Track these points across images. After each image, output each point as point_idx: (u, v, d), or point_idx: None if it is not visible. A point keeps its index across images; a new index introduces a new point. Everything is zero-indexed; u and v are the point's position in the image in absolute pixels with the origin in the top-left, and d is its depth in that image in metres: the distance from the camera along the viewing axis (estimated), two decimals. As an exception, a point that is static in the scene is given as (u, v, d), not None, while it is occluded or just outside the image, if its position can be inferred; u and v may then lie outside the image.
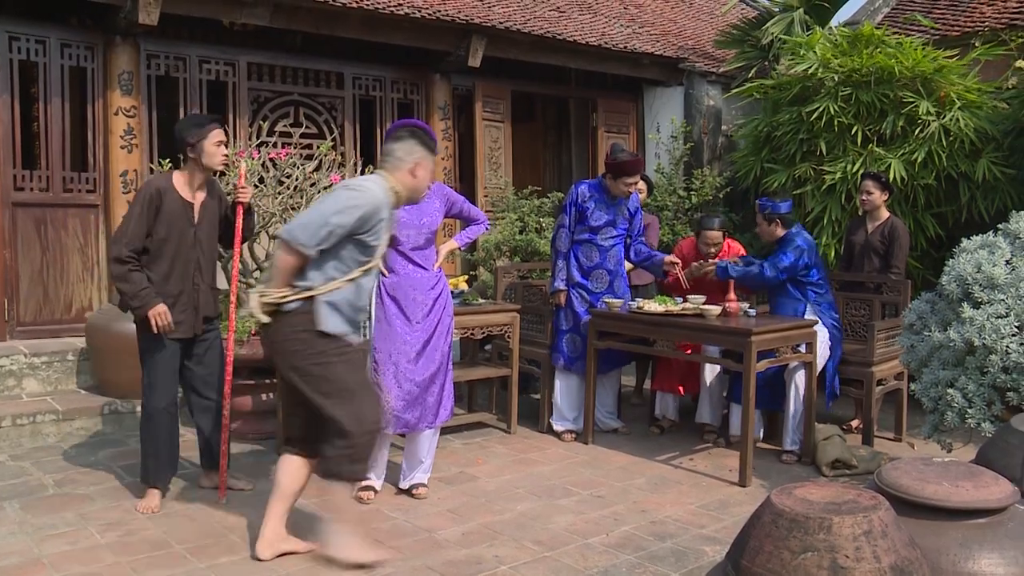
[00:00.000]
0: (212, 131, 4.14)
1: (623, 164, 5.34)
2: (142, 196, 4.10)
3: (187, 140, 4.11)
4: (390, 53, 7.77)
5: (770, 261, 5.26)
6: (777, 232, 5.35)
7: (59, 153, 6.41)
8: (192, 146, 4.12)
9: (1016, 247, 3.95)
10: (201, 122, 4.19)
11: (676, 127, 9.13)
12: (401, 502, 4.34)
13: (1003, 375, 3.74)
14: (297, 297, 3.39)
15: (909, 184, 6.49)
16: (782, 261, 5.22)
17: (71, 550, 3.68)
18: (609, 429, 5.70)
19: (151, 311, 4.04)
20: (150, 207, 4.08)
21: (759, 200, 5.47)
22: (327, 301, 3.41)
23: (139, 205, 4.08)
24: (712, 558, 3.63)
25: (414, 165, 3.62)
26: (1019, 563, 2.31)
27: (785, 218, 5.36)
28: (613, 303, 5.27)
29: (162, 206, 4.10)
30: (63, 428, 5.42)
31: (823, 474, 4.83)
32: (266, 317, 3.40)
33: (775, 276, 5.21)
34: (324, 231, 3.33)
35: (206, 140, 4.12)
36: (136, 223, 4.06)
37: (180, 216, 4.17)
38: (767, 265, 5.24)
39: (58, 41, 6.35)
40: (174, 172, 4.27)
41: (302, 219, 3.40)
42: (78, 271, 6.51)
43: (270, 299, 3.39)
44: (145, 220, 4.07)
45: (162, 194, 4.11)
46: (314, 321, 3.39)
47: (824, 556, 2.05)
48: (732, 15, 10.83)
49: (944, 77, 6.66)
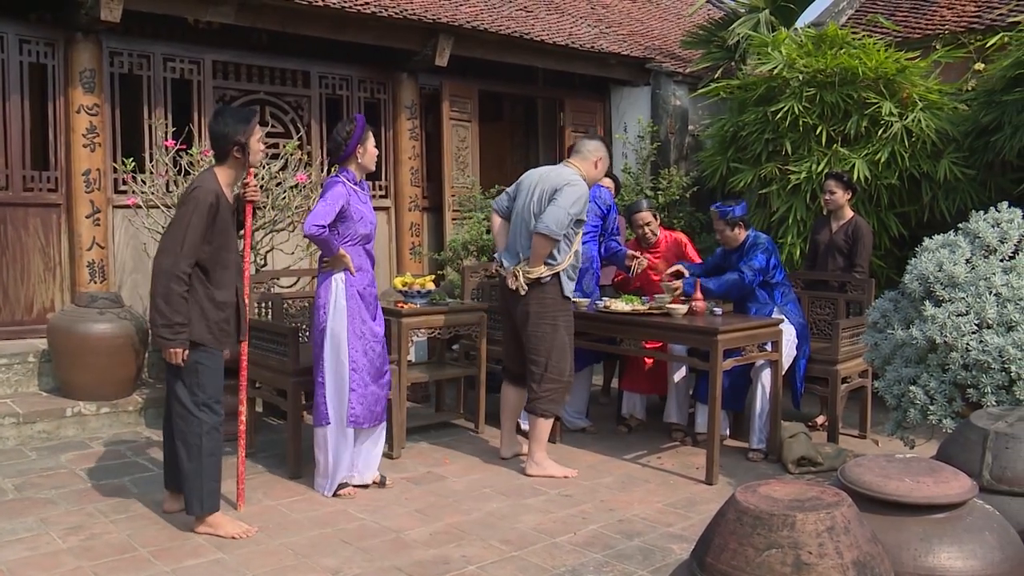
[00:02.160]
0: (256, 126, 3.90)
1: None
2: (202, 203, 3.72)
3: (237, 139, 3.81)
4: (357, 52, 7.73)
5: (745, 264, 5.24)
6: (741, 235, 5.37)
7: (19, 151, 6.30)
8: (242, 145, 3.83)
9: (976, 246, 4.01)
10: (247, 116, 3.89)
11: (643, 127, 9.17)
12: (368, 503, 4.32)
13: (963, 372, 3.80)
14: (551, 272, 4.65)
15: (873, 184, 6.57)
16: (756, 263, 5.22)
17: (31, 555, 3.62)
18: (577, 428, 5.71)
19: (176, 349, 3.70)
20: (209, 214, 3.73)
21: (717, 207, 5.39)
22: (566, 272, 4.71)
23: (198, 213, 3.71)
24: (679, 556, 3.65)
25: (597, 160, 4.85)
26: (977, 556, 2.34)
27: (746, 220, 5.40)
28: (580, 302, 5.28)
29: (218, 212, 3.78)
30: (23, 431, 5.33)
31: (789, 471, 4.87)
32: (525, 287, 4.63)
33: (753, 279, 5.22)
34: (567, 220, 4.56)
35: (253, 137, 3.87)
36: (195, 233, 3.70)
37: (229, 220, 3.88)
38: (745, 270, 5.19)
39: (16, 37, 6.24)
40: (215, 170, 3.88)
41: (554, 216, 4.52)
42: (39, 271, 6.40)
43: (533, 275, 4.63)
44: (204, 229, 3.72)
45: (218, 198, 3.78)
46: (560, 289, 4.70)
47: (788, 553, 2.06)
48: (699, 16, 10.89)
49: (906, 78, 6.75)
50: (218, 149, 3.88)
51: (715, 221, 5.43)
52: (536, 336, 4.70)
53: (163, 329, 3.68)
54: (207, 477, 3.82)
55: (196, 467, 3.79)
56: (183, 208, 3.77)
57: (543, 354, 4.70)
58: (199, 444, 3.80)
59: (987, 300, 3.78)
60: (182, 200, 3.84)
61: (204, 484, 3.81)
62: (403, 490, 4.52)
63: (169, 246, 3.71)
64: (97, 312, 5.63)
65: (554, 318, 4.69)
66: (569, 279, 4.72)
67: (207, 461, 3.82)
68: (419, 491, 4.52)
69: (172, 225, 3.80)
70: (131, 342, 5.68)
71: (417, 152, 8.25)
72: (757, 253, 5.24)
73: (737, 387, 5.28)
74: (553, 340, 4.69)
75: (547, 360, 4.69)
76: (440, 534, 3.93)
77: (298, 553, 3.69)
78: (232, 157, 3.86)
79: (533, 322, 4.69)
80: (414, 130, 8.19)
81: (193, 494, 3.81)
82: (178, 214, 3.81)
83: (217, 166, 3.91)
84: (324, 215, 4.18)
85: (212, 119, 3.94)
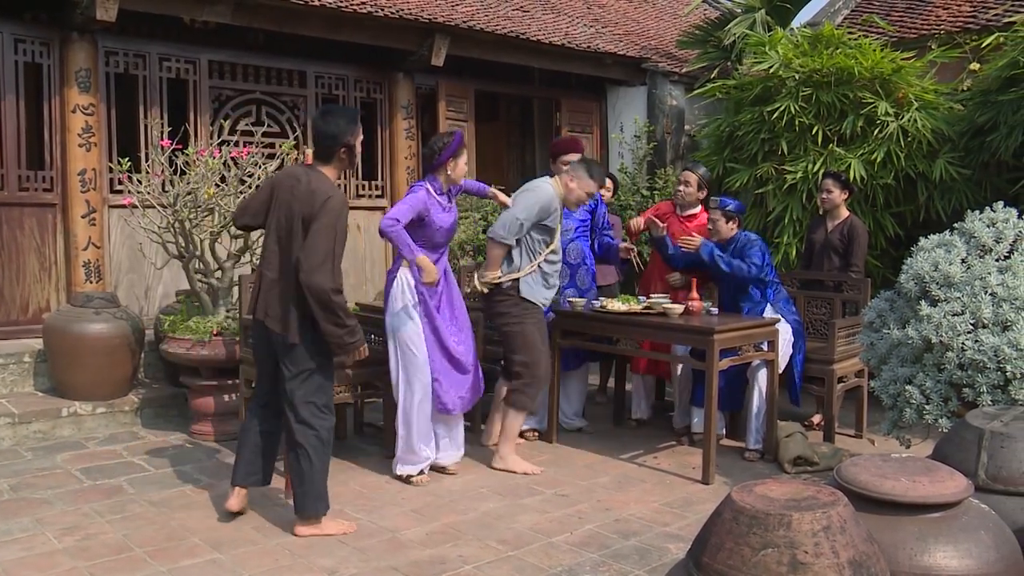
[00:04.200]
0: (360, 127, 3.81)
1: (557, 143, 5.64)
2: (343, 213, 3.65)
3: (347, 140, 3.73)
4: (353, 52, 7.73)
5: (751, 258, 5.23)
6: (732, 231, 5.39)
7: (14, 151, 6.29)
8: (351, 147, 3.76)
9: (971, 246, 4.02)
10: (355, 117, 3.79)
11: (639, 127, 9.18)
12: (364, 502, 4.32)
13: (959, 372, 3.81)
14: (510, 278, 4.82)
15: (868, 184, 6.58)
16: (755, 258, 5.24)
17: (27, 556, 3.61)
18: (573, 428, 5.71)
19: (361, 348, 3.79)
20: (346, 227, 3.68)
21: (719, 198, 5.44)
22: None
23: (341, 225, 3.63)
24: (675, 555, 3.65)
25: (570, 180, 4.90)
26: (972, 555, 2.35)
27: (740, 218, 5.44)
28: (576, 302, 5.28)
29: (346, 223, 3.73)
30: (19, 431, 5.32)
31: (785, 471, 4.88)
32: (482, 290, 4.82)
33: (756, 273, 5.24)
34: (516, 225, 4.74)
35: (359, 139, 3.80)
36: (340, 244, 3.64)
37: None
38: (751, 265, 5.21)
39: (11, 36, 6.23)
40: (324, 171, 3.77)
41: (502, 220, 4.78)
42: (35, 271, 6.39)
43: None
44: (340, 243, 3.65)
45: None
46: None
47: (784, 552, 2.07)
48: (695, 16, 10.90)
49: (902, 78, 6.76)
50: (325, 149, 3.78)
51: (711, 211, 5.44)
52: (505, 335, 4.94)
53: (352, 336, 3.71)
54: (323, 478, 3.86)
55: (317, 469, 3.82)
56: (324, 219, 3.60)
57: (513, 351, 4.89)
58: (319, 447, 3.82)
59: (983, 300, 3.78)
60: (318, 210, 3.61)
61: (320, 486, 3.85)
62: (399, 490, 4.52)
63: (318, 261, 3.58)
64: (93, 312, 5.62)
65: (518, 318, 4.86)
66: (540, 286, 4.90)
67: (325, 463, 3.86)
68: (415, 491, 4.52)
69: (317, 237, 3.61)
70: (127, 342, 5.67)
71: (413, 152, 8.24)
72: (754, 250, 5.26)
73: (734, 387, 5.28)
74: (519, 338, 4.86)
75: (517, 356, 4.87)
76: (436, 534, 3.93)
77: (294, 553, 3.68)
78: (338, 158, 3.79)
79: (499, 323, 4.95)
80: (410, 130, 8.19)
81: (309, 496, 3.83)
82: (320, 225, 3.60)
83: (323, 166, 3.81)
84: (399, 213, 4.39)
85: (320, 118, 3.81)
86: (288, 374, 3.79)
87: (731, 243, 5.37)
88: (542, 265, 4.88)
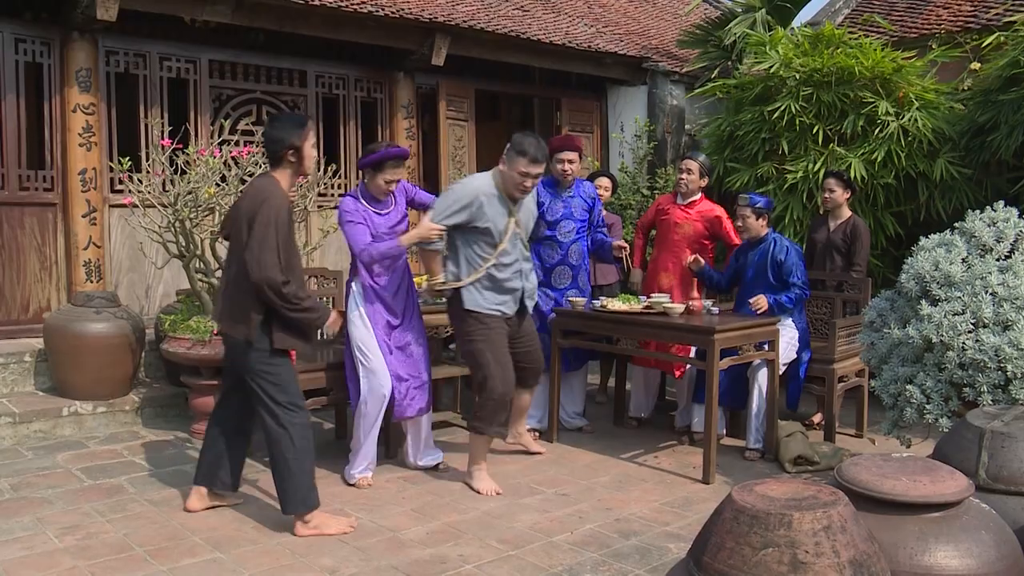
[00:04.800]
0: (311, 131, 3.87)
1: (552, 141, 5.45)
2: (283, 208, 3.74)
3: (292, 143, 3.79)
4: (353, 51, 7.72)
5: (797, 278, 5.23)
6: (763, 229, 5.36)
7: (15, 150, 6.29)
8: (297, 149, 3.81)
9: (972, 245, 4.02)
10: (301, 122, 3.85)
11: (640, 126, 9.18)
12: (365, 501, 4.32)
13: (959, 371, 3.81)
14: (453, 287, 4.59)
15: (869, 183, 6.58)
16: (799, 277, 5.24)
17: (28, 555, 3.61)
18: (574, 428, 5.71)
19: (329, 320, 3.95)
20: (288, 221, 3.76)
21: (748, 195, 5.38)
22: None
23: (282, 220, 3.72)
24: (676, 555, 3.65)
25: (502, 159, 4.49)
26: (973, 554, 2.35)
27: (770, 216, 5.42)
28: (577, 302, 5.28)
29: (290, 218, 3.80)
30: (20, 431, 5.32)
31: (786, 470, 4.88)
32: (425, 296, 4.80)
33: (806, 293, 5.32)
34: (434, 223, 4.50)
35: (308, 142, 3.85)
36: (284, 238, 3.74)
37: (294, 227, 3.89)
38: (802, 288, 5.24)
39: (12, 35, 6.23)
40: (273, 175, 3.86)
41: None
42: (35, 271, 6.39)
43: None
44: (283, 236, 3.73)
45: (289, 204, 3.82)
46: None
47: (784, 552, 2.07)
48: (695, 15, 10.90)
49: (903, 78, 6.76)
50: (272, 153, 3.86)
51: (740, 208, 5.36)
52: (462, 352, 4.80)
53: (310, 315, 3.81)
54: (303, 474, 3.85)
55: (295, 467, 3.83)
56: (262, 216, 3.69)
57: (471, 368, 4.70)
58: (292, 445, 3.83)
59: (983, 299, 3.78)
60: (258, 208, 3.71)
61: (302, 484, 3.84)
62: (400, 489, 4.52)
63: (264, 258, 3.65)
64: (93, 311, 5.62)
65: (468, 335, 4.56)
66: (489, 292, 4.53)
67: (301, 459, 3.85)
68: (416, 490, 4.52)
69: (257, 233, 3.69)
70: (127, 341, 5.67)
71: (414, 151, 8.24)
72: (799, 266, 5.27)
73: (739, 384, 5.28)
74: (468, 357, 4.63)
75: (474, 374, 4.67)
76: (437, 533, 3.93)
77: (295, 552, 3.68)
78: (287, 161, 3.84)
79: (456, 337, 4.81)
80: (411, 130, 8.19)
81: (289, 494, 3.84)
82: (258, 223, 3.69)
83: (274, 171, 3.88)
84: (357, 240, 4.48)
85: (267, 124, 3.95)
86: (250, 377, 3.84)
87: (762, 242, 5.35)
88: (491, 271, 4.51)
